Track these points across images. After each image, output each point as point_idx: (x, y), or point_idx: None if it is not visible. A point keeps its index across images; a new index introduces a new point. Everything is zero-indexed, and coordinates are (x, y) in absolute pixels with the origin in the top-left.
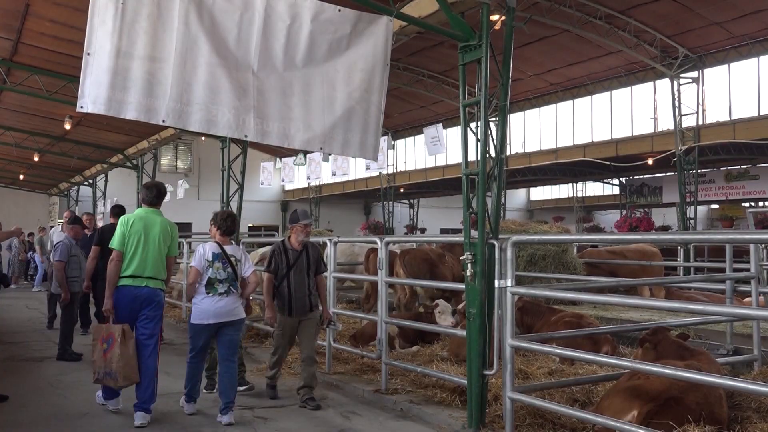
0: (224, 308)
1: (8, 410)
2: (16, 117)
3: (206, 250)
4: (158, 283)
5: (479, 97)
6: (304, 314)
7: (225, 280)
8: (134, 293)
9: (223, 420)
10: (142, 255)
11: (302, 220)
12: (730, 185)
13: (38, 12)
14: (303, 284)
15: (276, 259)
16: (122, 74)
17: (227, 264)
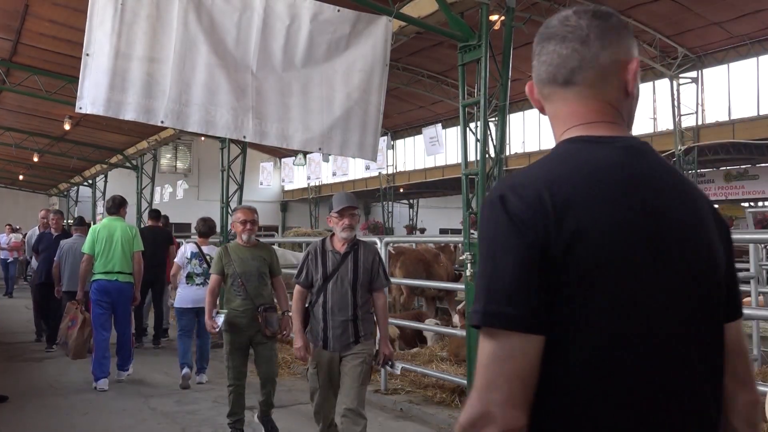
0: (201, 296)
1: (8, 410)
2: (16, 117)
3: (186, 250)
4: (126, 277)
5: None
6: (347, 348)
7: (201, 274)
8: (107, 285)
9: (201, 379)
10: (109, 255)
11: (341, 204)
12: (730, 185)
13: (38, 12)
14: (346, 303)
15: (309, 266)
16: (121, 75)
17: (203, 261)
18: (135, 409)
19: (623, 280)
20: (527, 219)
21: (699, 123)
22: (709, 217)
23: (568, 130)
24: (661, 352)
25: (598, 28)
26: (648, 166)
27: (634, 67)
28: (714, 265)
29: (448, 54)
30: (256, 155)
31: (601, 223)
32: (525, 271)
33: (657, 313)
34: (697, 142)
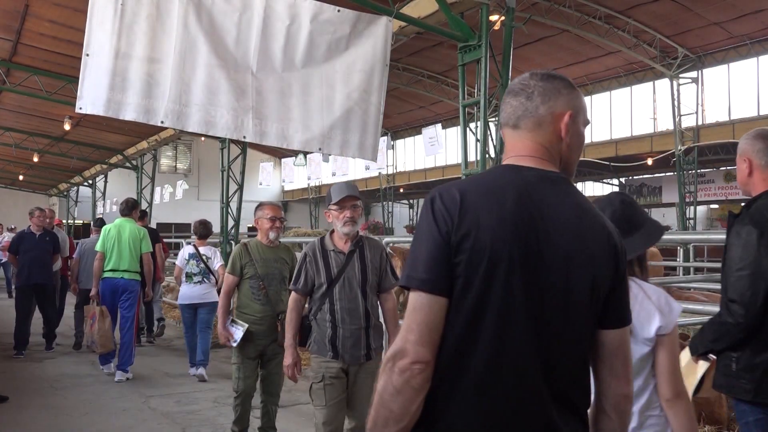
0: (198, 293)
1: (8, 410)
2: (16, 118)
3: (185, 251)
4: (133, 275)
5: (479, 97)
6: (357, 363)
7: (198, 273)
8: (114, 282)
9: (197, 372)
10: (118, 254)
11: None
12: (730, 185)
13: (38, 13)
14: (357, 309)
15: (308, 269)
16: (121, 75)
17: (200, 261)
18: (135, 409)
19: (496, 269)
20: (442, 216)
21: (699, 123)
22: (595, 248)
23: (506, 159)
24: (515, 326)
25: (542, 88)
26: (553, 194)
27: (566, 119)
28: (577, 281)
29: (448, 54)
30: (256, 155)
31: (486, 225)
32: (434, 251)
33: (513, 297)
34: (697, 142)
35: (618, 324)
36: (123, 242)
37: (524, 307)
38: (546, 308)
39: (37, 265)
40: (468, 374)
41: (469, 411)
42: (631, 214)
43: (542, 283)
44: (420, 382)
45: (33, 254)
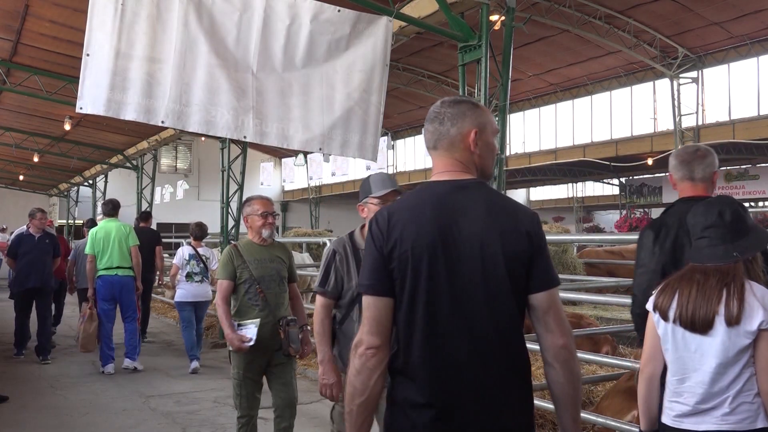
0: (200, 291)
1: (8, 410)
2: (16, 118)
3: (184, 252)
4: (126, 271)
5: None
6: None
7: (198, 273)
8: (110, 280)
9: (191, 365)
10: (109, 253)
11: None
12: (730, 185)
13: (38, 13)
14: None
15: (338, 270)
16: (121, 75)
17: (199, 261)
18: (135, 409)
19: (421, 268)
20: (376, 233)
21: (699, 123)
22: (505, 232)
23: (432, 176)
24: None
25: (450, 113)
26: (464, 197)
27: (473, 136)
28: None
29: (448, 54)
30: (257, 155)
31: (409, 235)
32: (373, 263)
33: (440, 288)
34: (697, 142)
35: (543, 287)
36: (112, 241)
37: (449, 295)
38: (468, 290)
39: (36, 268)
40: (414, 350)
41: (419, 381)
42: (740, 220)
43: (462, 268)
44: (374, 363)
45: (32, 257)
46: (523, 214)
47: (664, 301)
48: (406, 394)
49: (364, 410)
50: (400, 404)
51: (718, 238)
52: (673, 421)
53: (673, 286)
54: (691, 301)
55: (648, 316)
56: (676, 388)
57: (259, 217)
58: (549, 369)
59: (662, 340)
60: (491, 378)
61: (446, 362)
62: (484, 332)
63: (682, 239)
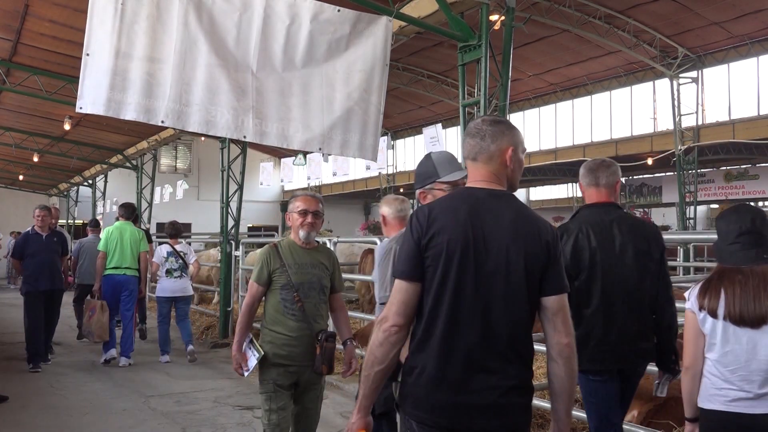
0: (178, 286)
1: (8, 410)
2: (16, 118)
3: (162, 250)
4: (133, 272)
5: (479, 97)
6: None
7: (177, 269)
8: (116, 279)
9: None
10: (120, 253)
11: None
12: (730, 185)
13: (38, 12)
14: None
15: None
16: (121, 75)
17: (178, 258)
18: (135, 409)
19: (453, 259)
20: (415, 226)
21: (699, 123)
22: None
23: (468, 183)
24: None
25: (491, 131)
26: (496, 204)
27: (509, 153)
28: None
29: (448, 54)
30: (256, 155)
31: (446, 231)
32: (411, 251)
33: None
34: (697, 142)
35: (555, 292)
36: (124, 243)
37: (473, 284)
38: (490, 282)
39: (46, 270)
40: (437, 331)
41: (436, 359)
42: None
43: (488, 265)
44: (396, 339)
45: (41, 258)
46: (544, 226)
47: (711, 301)
48: (425, 366)
49: (382, 377)
50: (417, 375)
51: (750, 243)
52: (727, 406)
53: (715, 287)
54: (737, 300)
55: (687, 320)
56: (727, 378)
57: (298, 215)
58: (552, 364)
59: (710, 335)
60: (497, 360)
61: (461, 342)
62: (497, 321)
63: (581, 242)
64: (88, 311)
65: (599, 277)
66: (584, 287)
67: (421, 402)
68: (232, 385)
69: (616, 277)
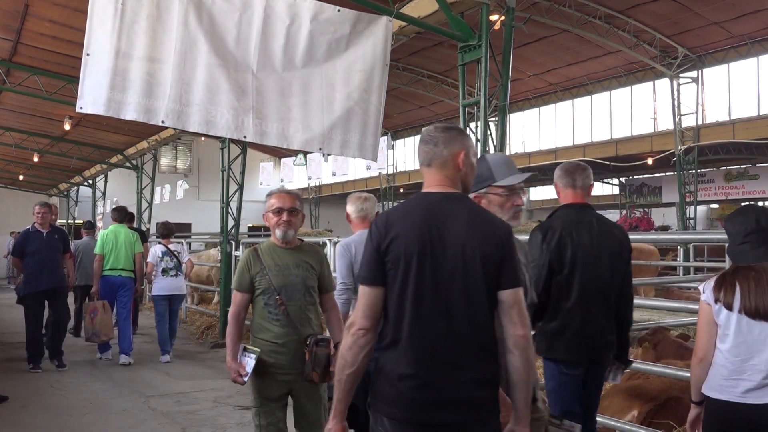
0: (174, 285)
1: (8, 410)
2: (16, 118)
3: (157, 250)
4: (129, 273)
5: (479, 97)
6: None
7: (172, 268)
8: (112, 280)
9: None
10: (115, 255)
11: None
12: (730, 185)
13: (38, 12)
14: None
15: None
16: (121, 75)
17: (172, 257)
18: (135, 409)
19: (411, 262)
20: (375, 233)
21: (699, 123)
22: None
23: (424, 188)
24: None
25: (443, 137)
26: (451, 206)
27: (461, 157)
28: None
29: (448, 54)
30: (256, 155)
31: (404, 234)
32: (371, 257)
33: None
34: (697, 142)
35: (510, 285)
36: (120, 245)
37: (433, 284)
38: (449, 282)
39: (47, 268)
40: (402, 331)
41: (404, 358)
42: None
43: (446, 265)
44: (363, 342)
45: (42, 255)
46: (498, 225)
47: (727, 295)
48: (393, 365)
49: (353, 379)
50: (388, 374)
51: (758, 241)
52: (739, 397)
53: (730, 281)
54: (752, 294)
55: (702, 311)
56: (737, 368)
57: (273, 215)
58: (509, 355)
59: (723, 327)
60: (462, 356)
61: (427, 340)
62: (459, 317)
63: (564, 239)
64: (89, 313)
65: (579, 274)
66: (565, 282)
67: (391, 399)
68: (232, 385)
69: (593, 274)
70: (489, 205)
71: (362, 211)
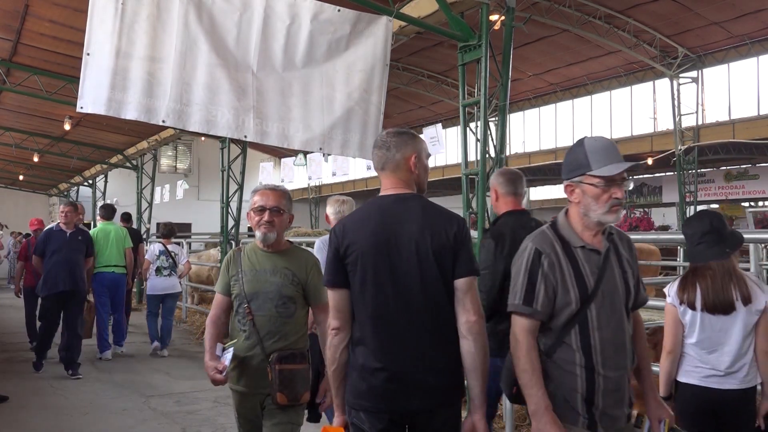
0: (168, 284)
1: (8, 410)
2: (16, 118)
3: (155, 249)
4: (120, 269)
5: (479, 97)
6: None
7: (167, 267)
8: (106, 276)
9: (164, 353)
10: (107, 252)
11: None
12: (730, 185)
13: (38, 12)
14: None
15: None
16: (122, 74)
17: (168, 257)
18: (135, 409)
19: (368, 263)
20: (333, 240)
21: (699, 123)
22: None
23: (381, 191)
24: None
25: (394, 141)
26: (404, 207)
27: (413, 160)
28: (423, 257)
29: (448, 54)
30: (256, 155)
31: (359, 238)
32: (332, 261)
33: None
34: (697, 142)
35: (463, 274)
36: (110, 241)
37: (391, 281)
38: (407, 277)
39: (66, 270)
40: (367, 328)
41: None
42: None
43: (402, 263)
44: (338, 340)
45: (62, 256)
46: (449, 218)
47: (689, 294)
48: (364, 360)
49: (338, 375)
50: (359, 369)
51: (713, 241)
52: (702, 381)
53: (691, 282)
54: (710, 291)
55: (668, 310)
56: (704, 358)
57: (254, 213)
58: (463, 341)
59: (689, 324)
60: (425, 344)
61: (390, 333)
62: (420, 311)
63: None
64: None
65: None
66: None
67: (363, 393)
68: None
69: None
70: (582, 197)
71: (339, 213)
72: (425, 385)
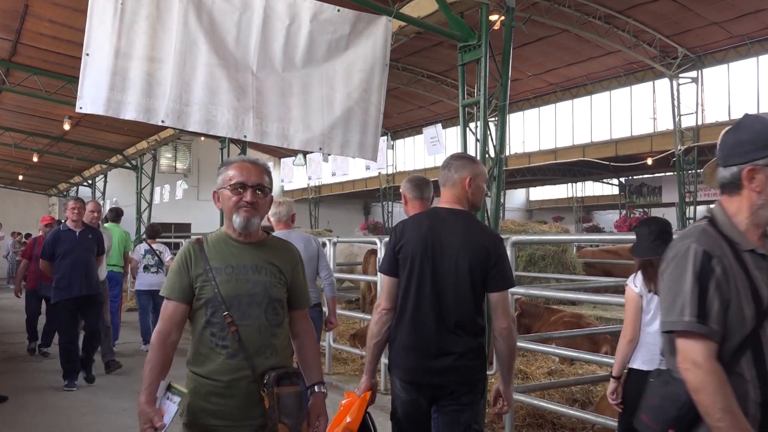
0: (156, 281)
1: (8, 410)
2: (15, 118)
3: (141, 248)
4: (118, 268)
5: (478, 97)
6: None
7: (153, 265)
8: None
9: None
10: (108, 252)
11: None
12: None
13: (37, 12)
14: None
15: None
16: (121, 75)
17: (154, 255)
18: (135, 409)
19: (415, 262)
20: (392, 237)
21: (699, 123)
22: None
23: (439, 204)
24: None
25: (455, 164)
26: (452, 219)
27: (467, 181)
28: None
29: (448, 54)
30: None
31: (411, 239)
32: (389, 254)
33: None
34: (697, 142)
35: (496, 289)
36: (115, 244)
37: (431, 279)
38: (444, 278)
39: (80, 273)
40: (406, 315)
41: (407, 333)
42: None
43: (443, 265)
44: (386, 319)
45: (74, 258)
46: (489, 236)
47: (656, 284)
48: (401, 340)
49: (379, 348)
50: (397, 348)
51: (664, 239)
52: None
53: (652, 273)
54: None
55: (633, 301)
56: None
57: (230, 192)
58: (495, 341)
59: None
60: (449, 334)
61: (422, 321)
62: (449, 306)
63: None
64: None
65: None
66: None
67: (398, 365)
68: None
69: None
70: (765, 185)
71: (275, 215)
72: (449, 366)
